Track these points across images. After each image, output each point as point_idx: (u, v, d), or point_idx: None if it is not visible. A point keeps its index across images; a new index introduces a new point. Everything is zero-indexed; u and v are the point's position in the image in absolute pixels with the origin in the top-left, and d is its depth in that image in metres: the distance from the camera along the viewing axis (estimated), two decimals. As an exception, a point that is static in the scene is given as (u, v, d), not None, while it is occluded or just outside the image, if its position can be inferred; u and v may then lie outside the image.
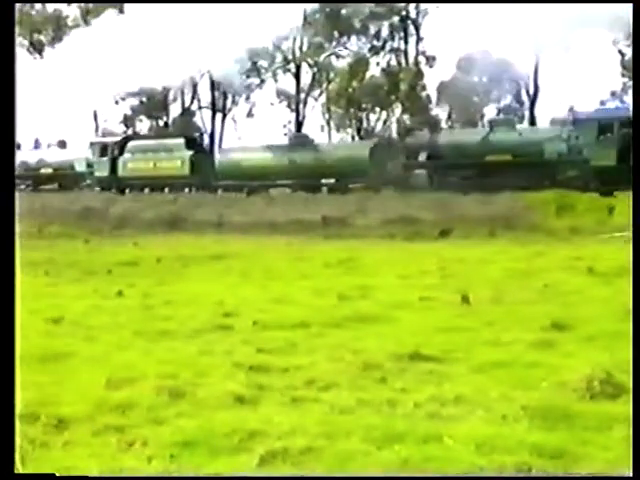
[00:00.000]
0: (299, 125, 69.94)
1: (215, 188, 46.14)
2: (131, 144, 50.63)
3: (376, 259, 23.30)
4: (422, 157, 41.93)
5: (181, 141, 49.31)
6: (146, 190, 48.74)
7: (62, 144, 55.87)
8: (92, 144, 53.32)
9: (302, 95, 72.58)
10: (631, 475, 5.47)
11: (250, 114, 77.12)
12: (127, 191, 49.15)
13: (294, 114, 72.24)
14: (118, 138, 53.23)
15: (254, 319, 12.53)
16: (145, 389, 8.19)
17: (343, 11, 68.78)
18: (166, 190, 47.89)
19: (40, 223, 37.79)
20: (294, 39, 71.71)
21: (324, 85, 74.49)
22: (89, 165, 50.81)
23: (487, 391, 7.97)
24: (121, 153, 49.95)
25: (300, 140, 46.79)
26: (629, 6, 23.65)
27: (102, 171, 49.90)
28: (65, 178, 51.29)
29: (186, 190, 48.16)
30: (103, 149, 50.75)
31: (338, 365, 9.30)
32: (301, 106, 72.27)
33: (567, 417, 7.07)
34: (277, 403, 7.79)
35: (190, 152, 47.99)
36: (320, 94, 74.67)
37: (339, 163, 41.91)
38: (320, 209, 37.10)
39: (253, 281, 18.60)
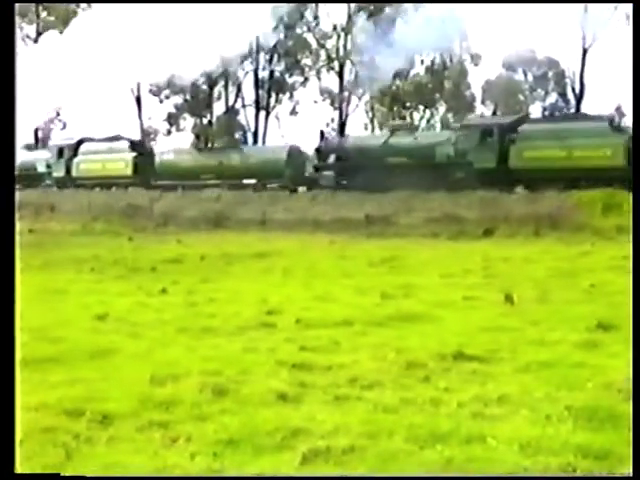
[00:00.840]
0: (342, 123, 69.90)
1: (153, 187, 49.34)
2: (83, 147, 53.95)
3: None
4: (331, 159, 45.02)
5: (126, 144, 52.87)
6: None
7: (29, 147, 59.14)
8: (50, 147, 57.33)
9: (345, 93, 72.52)
10: (631, 475, 5.46)
11: (294, 112, 77.27)
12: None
13: (337, 112, 72.22)
14: (73, 141, 55.65)
15: (297, 317, 12.55)
16: (189, 386, 8.22)
17: (387, 9, 68.61)
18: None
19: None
20: (338, 37, 71.73)
21: (367, 83, 74.31)
22: (48, 166, 54.74)
23: (531, 391, 7.92)
24: (75, 155, 53.51)
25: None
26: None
27: (59, 172, 53.65)
28: (29, 178, 53.65)
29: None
30: (60, 151, 54.44)
31: (381, 364, 9.28)
32: (344, 104, 72.22)
33: (612, 418, 7.00)
34: (320, 401, 7.78)
35: (133, 154, 51.64)
36: (363, 92, 74.56)
37: (259, 165, 46.31)
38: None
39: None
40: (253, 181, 46.06)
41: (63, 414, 7.21)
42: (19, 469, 5.83)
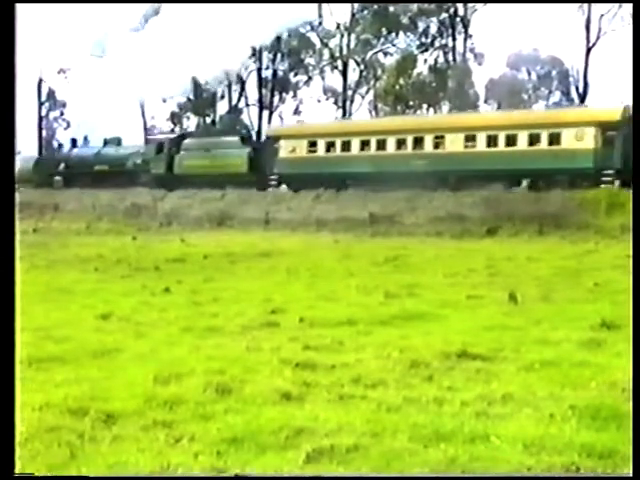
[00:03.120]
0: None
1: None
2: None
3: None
4: (61, 167, 56.62)
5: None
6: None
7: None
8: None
9: (349, 92, 72.48)
10: (631, 475, 5.46)
11: (297, 111, 77.29)
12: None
13: (341, 111, 72.18)
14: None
15: (301, 316, 12.56)
16: (193, 385, 8.23)
17: (391, 8, 68.62)
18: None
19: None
20: (341, 36, 71.71)
21: (371, 82, 74.34)
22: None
23: (535, 390, 7.91)
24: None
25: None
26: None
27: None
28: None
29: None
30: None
31: (385, 363, 9.28)
32: (348, 103, 72.18)
33: (616, 417, 6.99)
34: (324, 400, 7.78)
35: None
36: (367, 91, 74.55)
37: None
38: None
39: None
40: None
41: (67, 413, 7.22)
42: (24, 468, 5.84)
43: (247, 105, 76.94)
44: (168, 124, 77.60)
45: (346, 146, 44.38)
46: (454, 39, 70.08)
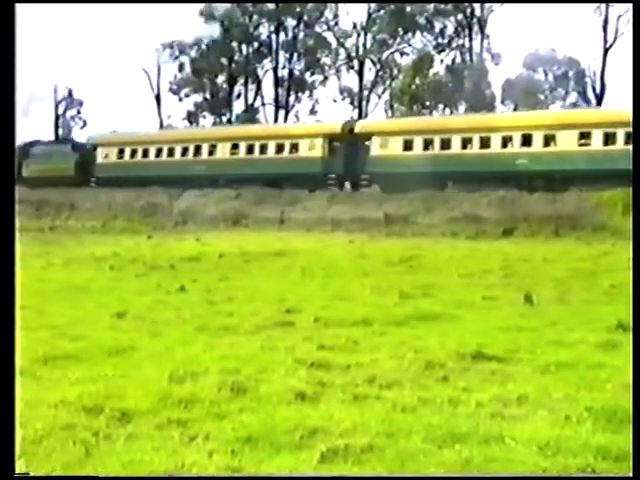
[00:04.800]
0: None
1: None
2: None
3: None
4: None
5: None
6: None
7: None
8: None
9: (365, 92, 72.48)
10: (631, 475, 5.43)
11: (313, 111, 77.34)
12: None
13: (357, 111, 72.19)
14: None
15: (316, 316, 12.56)
16: (207, 384, 8.23)
17: (408, 8, 68.57)
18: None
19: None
20: (358, 36, 71.71)
21: (387, 82, 74.32)
22: None
23: (551, 392, 7.88)
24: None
25: None
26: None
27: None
28: None
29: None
30: None
31: (400, 363, 9.26)
32: (364, 103, 72.19)
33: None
34: (338, 400, 7.77)
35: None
36: (383, 91, 74.54)
37: None
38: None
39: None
40: None
41: (82, 411, 7.23)
42: (39, 466, 5.86)
43: (263, 104, 77.16)
44: (184, 123, 77.80)
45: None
46: (471, 39, 70.07)
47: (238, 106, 78.07)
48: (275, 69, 75.48)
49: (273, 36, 76.13)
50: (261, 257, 24.26)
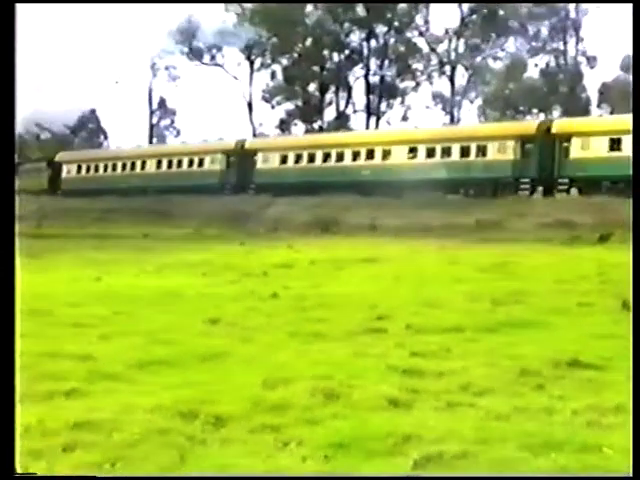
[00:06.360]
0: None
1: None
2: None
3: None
4: None
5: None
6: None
7: None
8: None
9: (457, 98, 72.08)
10: (631, 475, 5.37)
11: (405, 117, 77.21)
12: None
13: (449, 117, 71.85)
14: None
15: (407, 322, 12.51)
16: (300, 390, 8.26)
17: (500, 12, 68.02)
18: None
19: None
20: (450, 41, 71.38)
21: (480, 87, 73.81)
22: None
23: (649, 401, 7.70)
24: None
25: None
26: None
27: None
28: None
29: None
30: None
31: (493, 370, 9.18)
32: (456, 109, 71.80)
33: None
34: (431, 407, 7.73)
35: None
36: (476, 97, 74.05)
37: None
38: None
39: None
40: None
41: (178, 416, 7.31)
42: (136, 469, 5.95)
43: (354, 111, 77.32)
44: (277, 131, 78.42)
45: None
46: (565, 42, 69.13)
47: (329, 113, 78.44)
48: (366, 76, 75.64)
49: (364, 43, 76.36)
50: (352, 263, 24.25)
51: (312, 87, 78.34)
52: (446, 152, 45.54)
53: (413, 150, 47.03)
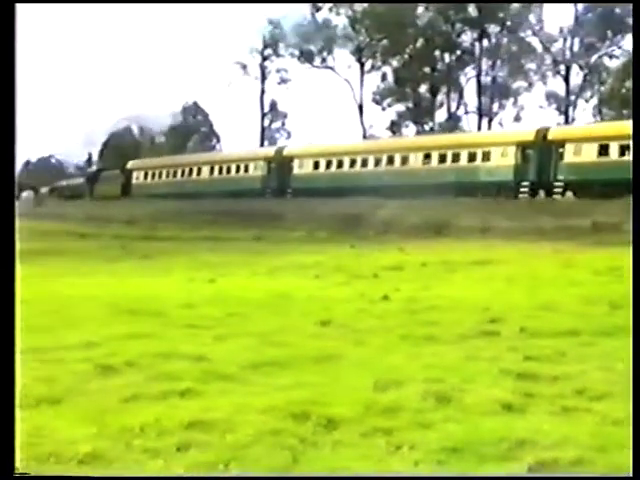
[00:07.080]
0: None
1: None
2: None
3: None
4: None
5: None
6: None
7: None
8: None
9: (572, 97, 70.85)
10: (631, 475, 5.29)
11: (517, 118, 76.24)
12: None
13: (563, 117, 70.68)
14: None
15: (521, 326, 12.33)
16: (412, 393, 8.21)
17: (617, 10, 66.62)
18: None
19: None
20: (564, 40, 70.23)
21: (595, 87, 72.40)
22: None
23: None
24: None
25: None
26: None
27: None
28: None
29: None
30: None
31: (610, 375, 8.97)
32: (570, 109, 70.59)
33: None
34: (546, 412, 7.60)
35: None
36: (591, 96, 72.65)
37: None
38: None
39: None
40: None
41: (290, 417, 7.34)
42: (247, 470, 5.99)
43: (466, 113, 76.71)
44: (387, 133, 78.32)
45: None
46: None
47: (440, 115, 78.01)
48: (478, 76, 74.92)
49: (476, 43, 75.68)
50: (463, 266, 24.04)
51: (423, 88, 77.98)
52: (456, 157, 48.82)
53: (428, 157, 50.34)
